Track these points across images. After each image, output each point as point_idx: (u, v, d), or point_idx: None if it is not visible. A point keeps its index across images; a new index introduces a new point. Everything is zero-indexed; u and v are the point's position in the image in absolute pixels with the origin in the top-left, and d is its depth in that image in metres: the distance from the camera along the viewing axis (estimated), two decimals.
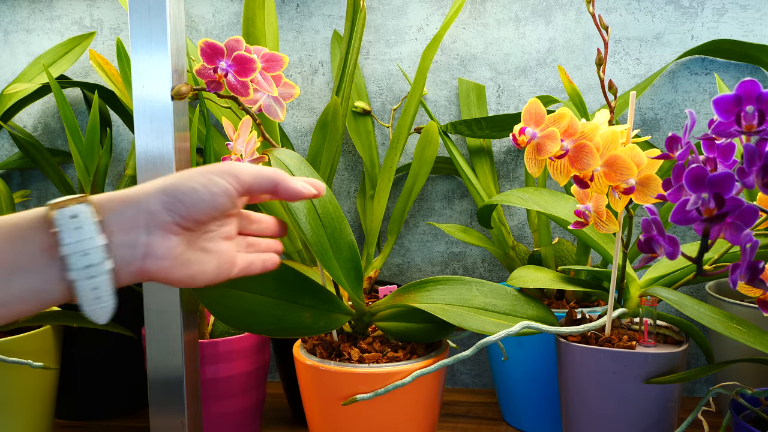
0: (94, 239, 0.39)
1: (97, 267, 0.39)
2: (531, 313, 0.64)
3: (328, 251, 0.59)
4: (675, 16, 0.91)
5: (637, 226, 0.84)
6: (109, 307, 0.40)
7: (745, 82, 0.42)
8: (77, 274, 0.39)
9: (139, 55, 0.57)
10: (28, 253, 0.39)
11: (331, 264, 0.59)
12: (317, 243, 0.58)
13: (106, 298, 0.40)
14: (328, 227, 0.60)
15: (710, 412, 0.83)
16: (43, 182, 1.07)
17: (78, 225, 0.39)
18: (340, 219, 0.61)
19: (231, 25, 1.01)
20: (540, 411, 0.81)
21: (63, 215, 0.39)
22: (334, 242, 0.60)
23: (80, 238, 0.39)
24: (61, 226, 0.39)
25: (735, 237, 0.42)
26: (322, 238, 0.59)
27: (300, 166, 0.60)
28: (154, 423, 0.61)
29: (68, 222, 0.39)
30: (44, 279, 0.39)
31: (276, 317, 0.60)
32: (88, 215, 0.40)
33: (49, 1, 1.03)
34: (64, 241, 0.39)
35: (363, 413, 0.61)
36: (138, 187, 0.42)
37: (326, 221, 0.60)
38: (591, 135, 0.54)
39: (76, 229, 0.39)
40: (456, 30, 0.96)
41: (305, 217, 0.57)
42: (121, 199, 0.41)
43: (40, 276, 0.39)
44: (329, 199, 0.61)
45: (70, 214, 0.39)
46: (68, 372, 0.86)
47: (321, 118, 0.77)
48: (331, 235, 0.60)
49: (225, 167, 0.44)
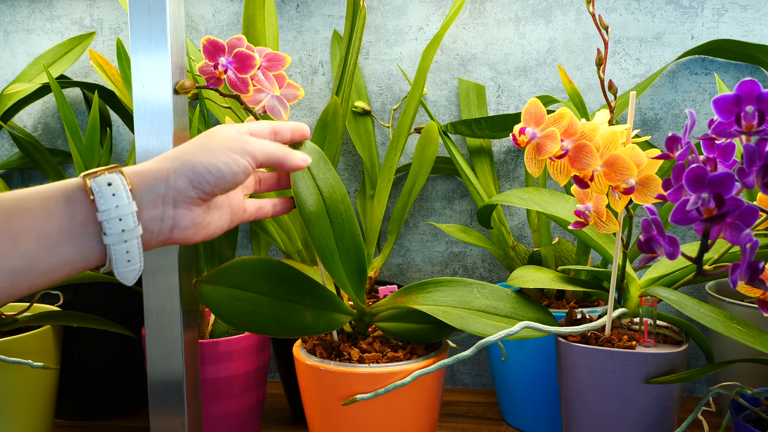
0: (129, 205, 0.42)
1: (131, 231, 0.42)
2: (532, 316, 0.64)
3: (333, 252, 0.59)
4: (675, 16, 0.91)
5: (637, 226, 0.84)
6: (138, 269, 0.43)
7: (745, 82, 0.42)
8: (113, 239, 0.41)
9: (139, 55, 0.57)
10: (68, 225, 0.41)
11: (334, 266, 0.59)
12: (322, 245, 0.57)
13: (135, 261, 0.43)
14: (337, 227, 0.59)
15: (710, 412, 0.83)
16: (43, 182, 1.06)
17: (114, 192, 0.41)
18: (351, 220, 0.60)
19: (231, 25, 1.01)
20: (540, 411, 0.81)
21: (100, 183, 0.41)
22: (341, 242, 0.60)
23: (117, 204, 0.41)
24: (98, 193, 0.41)
25: (735, 237, 0.42)
26: (329, 239, 0.58)
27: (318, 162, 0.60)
28: (154, 423, 0.61)
29: (104, 189, 0.41)
30: (82, 247, 0.41)
31: (277, 317, 0.60)
32: (121, 183, 0.42)
33: (49, 1, 1.03)
34: (102, 207, 0.41)
35: (363, 413, 0.61)
36: (164, 162, 0.44)
37: (336, 221, 0.59)
38: (591, 135, 0.54)
39: (113, 196, 0.41)
40: (456, 30, 0.96)
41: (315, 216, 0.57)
42: (152, 174, 0.43)
43: (78, 245, 0.41)
44: (341, 199, 0.60)
45: (106, 181, 0.41)
46: (68, 372, 0.86)
47: (321, 118, 0.77)
48: (339, 236, 0.59)
49: (242, 145, 0.47)
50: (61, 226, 0.40)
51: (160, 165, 0.44)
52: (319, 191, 0.59)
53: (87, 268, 0.42)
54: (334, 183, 0.60)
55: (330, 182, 0.60)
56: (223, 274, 0.58)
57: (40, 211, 0.40)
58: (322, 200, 0.59)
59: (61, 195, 0.41)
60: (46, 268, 0.40)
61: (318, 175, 0.59)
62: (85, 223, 0.41)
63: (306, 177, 0.58)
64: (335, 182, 0.60)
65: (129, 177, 0.43)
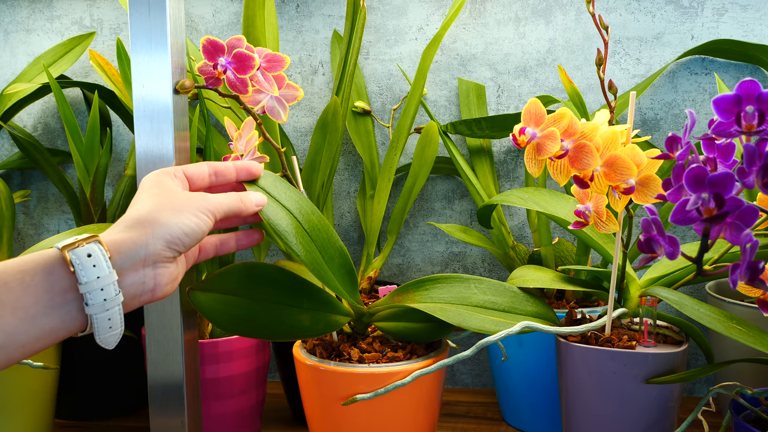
0: (110, 275, 0.42)
1: (113, 300, 0.43)
2: (531, 310, 0.63)
3: (323, 266, 0.58)
4: (675, 16, 0.91)
5: (637, 226, 0.84)
6: (119, 334, 0.44)
7: (745, 82, 0.42)
8: (95, 309, 0.42)
9: (139, 55, 0.57)
10: (47, 297, 0.41)
11: (327, 277, 0.58)
12: (311, 261, 0.56)
13: (117, 326, 0.44)
14: (318, 240, 0.58)
15: (710, 412, 0.83)
16: (43, 182, 1.07)
17: (94, 263, 0.42)
18: (327, 228, 0.60)
19: (231, 25, 1.01)
20: (540, 411, 0.81)
21: (79, 255, 0.42)
22: (325, 253, 0.59)
23: (98, 275, 0.42)
24: (78, 265, 0.41)
25: (735, 237, 0.42)
26: (315, 254, 0.57)
27: (275, 184, 0.59)
28: (154, 423, 0.61)
29: (85, 261, 0.42)
30: (62, 318, 0.42)
31: (274, 322, 0.59)
32: (101, 253, 0.42)
33: (49, 1, 1.03)
34: (83, 279, 0.41)
35: (363, 413, 0.61)
36: (140, 228, 0.45)
37: (314, 235, 0.58)
38: (591, 135, 0.54)
39: (93, 267, 0.42)
40: (456, 30, 0.96)
41: (295, 237, 0.55)
42: (131, 240, 0.44)
43: (58, 316, 0.41)
44: (312, 211, 0.59)
45: (86, 252, 0.42)
46: (68, 372, 0.86)
47: (321, 118, 0.77)
48: (322, 247, 0.59)
49: (204, 204, 0.49)
50: (39, 298, 0.41)
51: (138, 232, 0.45)
52: (288, 212, 0.58)
53: (68, 335, 0.43)
54: (299, 198, 0.59)
55: (294, 199, 0.59)
56: (217, 280, 0.58)
57: (16, 285, 0.40)
58: (295, 219, 0.57)
59: (38, 268, 0.41)
60: (26, 340, 0.40)
61: (281, 197, 0.58)
62: (65, 295, 0.41)
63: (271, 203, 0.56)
64: (299, 197, 0.59)
65: (108, 245, 0.43)
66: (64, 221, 1.07)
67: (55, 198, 1.07)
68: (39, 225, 1.08)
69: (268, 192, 0.57)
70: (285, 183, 0.60)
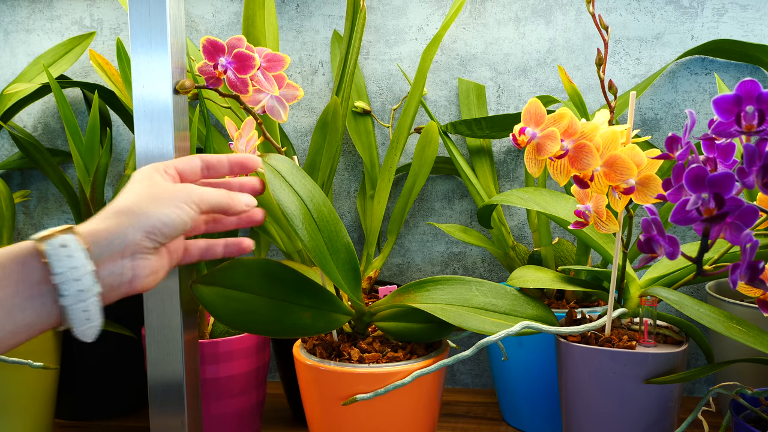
0: (85, 266, 0.41)
1: (89, 290, 0.42)
2: (531, 313, 0.64)
3: (326, 255, 0.59)
4: (675, 16, 0.91)
5: (637, 226, 0.84)
6: (97, 326, 0.44)
7: (745, 82, 0.42)
8: (70, 300, 0.41)
9: (139, 55, 0.57)
10: (21, 290, 0.40)
11: (329, 267, 0.59)
12: (315, 248, 0.57)
13: (95, 319, 0.43)
14: (324, 231, 0.59)
15: (710, 412, 0.83)
16: (43, 182, 1.07)
17: (68, 253, 0.41)
18: (336, 221, 0.61)
19: (231, 24, 1.01)
20: (540, 411, 0.81)
21: (52, 245, 0.41)
22: (331, 245, 0.60)
23: (72, 266, 0.41)
24: (52, 256, 0.41)
25: (735, 237, 0.42)
26: (319, 243, 0.58)
27: (291, 170, 0.60)
28: (154, 423, 0.61)
29: (58, 251, 0.41)
30: (38, 311, 0.41)
31: (275, 318, 0.60)
32: (76, 243, 0.41)
33: (49, 1, 1.03)
34: (56, 270, 0.41)
35: (363, 413, 0.61)
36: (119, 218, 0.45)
37: (322, 225, 0.59)
38: (591, 135, 0.54)
39: (67, 257, 0.41)
40: (456, 30, 0.96)
41: (301, 222, 0.57)
42: (108, 231, 0.44)
43: (34, 309, 0.41)
44: (323, 202, 0.60)
45: (59, 243, 0.41)
46: (68, 372, 0.86)
47: (321, 118, 0.77)
48: (328, 239, 0.60)
49: (187, 195, 0.48)
50: (14, 291, 0.40)
51: (117, 221, 0.44)
52: (300, 198, 0.58)
53: (45, 329, 0.42)
54: (312, 188, 0.60)
55: (308, 188, 0.60)
56: (219, 274, 0.58)
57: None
58: (305, 206, 0.58)
59: (13, 260, 0.41)
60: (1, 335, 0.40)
61: (295, 183, 0.59)
62: (39, 286, 0.41)
63: (284, 186, 0.57)
64: (313, 187, 0.60)
65: (85, 236, 0.42)
66: (64, 221, 1.07)
67: (55, 198, 1.07)
68: (39, 225, 1.08)
69: (282, 175, 0.58)
70: (302, 172, 0.60)
